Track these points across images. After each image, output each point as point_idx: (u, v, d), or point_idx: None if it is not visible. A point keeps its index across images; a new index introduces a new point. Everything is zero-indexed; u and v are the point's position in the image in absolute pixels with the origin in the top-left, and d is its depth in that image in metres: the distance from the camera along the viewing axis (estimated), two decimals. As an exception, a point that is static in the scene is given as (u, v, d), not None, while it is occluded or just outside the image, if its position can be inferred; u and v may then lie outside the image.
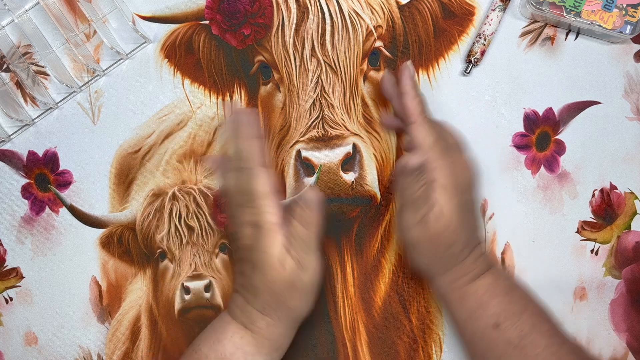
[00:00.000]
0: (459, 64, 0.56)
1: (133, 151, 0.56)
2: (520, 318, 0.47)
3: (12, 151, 0.57)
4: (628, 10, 0.53)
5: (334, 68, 0.55)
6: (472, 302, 0.48)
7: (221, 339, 0.47)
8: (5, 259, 0.57)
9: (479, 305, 0.47)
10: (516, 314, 0.47)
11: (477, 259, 0.48)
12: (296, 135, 0.55)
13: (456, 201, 0.46)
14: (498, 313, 0.47)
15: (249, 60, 0.56)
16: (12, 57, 0.55)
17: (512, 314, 0.47)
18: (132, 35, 0.56)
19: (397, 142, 0.55)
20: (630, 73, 0.55)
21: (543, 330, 0.47)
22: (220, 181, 0.48)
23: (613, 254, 0.56)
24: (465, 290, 0.48)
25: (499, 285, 0.48)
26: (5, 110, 0.55)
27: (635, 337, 0.55)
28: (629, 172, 0.56)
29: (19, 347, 0.57)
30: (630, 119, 0.56)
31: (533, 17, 0.55)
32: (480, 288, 0.48)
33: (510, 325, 0.46)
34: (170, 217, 0.56)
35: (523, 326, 0.47)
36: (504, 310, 0.47)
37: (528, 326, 0.47)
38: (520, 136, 0.56)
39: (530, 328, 0.47)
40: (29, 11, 0.56)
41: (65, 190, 0.56)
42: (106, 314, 0.56)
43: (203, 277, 0.55)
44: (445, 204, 0.46)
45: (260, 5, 0.55)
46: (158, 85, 0.56)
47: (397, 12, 0.55)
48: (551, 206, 0.56)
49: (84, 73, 0.56)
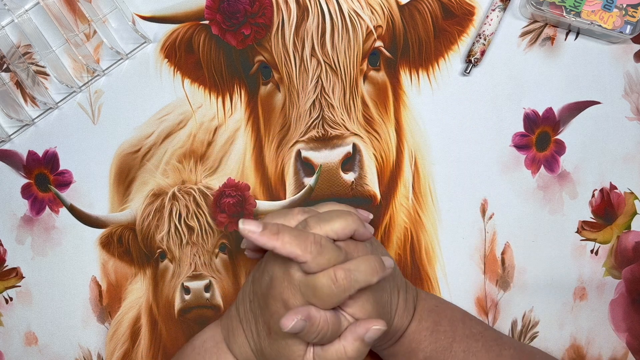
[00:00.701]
0: (459, 64, 0.56)
1: (133, 151, 0.56)
2: (451, 350, 0.47)
3: (12, 151, 0.57)
4: (628, 10, 0.53)
5: (334, 68, 0.55)
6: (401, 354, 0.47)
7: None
8: (5, 259, 0.57)
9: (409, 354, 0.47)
10: (446, 348, 0.47)
11: (402, 316, 0.47)
12: (296, 135, 0.55)
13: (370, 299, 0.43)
14: (429, 356, 0.47)
15: (249, 60, 0.56)
16: (12, 57, 0.55)
17: (442, 350, 0.47)
18: (132, 35, 0.56)
19: (397, 142, 0.55)
20: (630, 73, 0.55)
21: (476, 349, 0.47)
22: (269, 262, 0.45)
23: (613, 254, 0.56)
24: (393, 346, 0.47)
25: (423, 328, 0.47)
26: (5, 110, 0.55)
27: (635, 337, 0.55)
28: (629, 172, 0.56)
29: (19, 347, 0.57)
30: (630, 119, 0.56)
31: (533, 17, 0.55)
32: (405, 338, 0.47)
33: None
34: (170, 217, 0.56)
35: (456, 357, 0.46)
36: (434, 350, 0.47)
37: (461, 354, 0.47)
38: (520, 136, 0.56)
39: (464, 355, 0.47)
40: (29, 11, 0.56)
41: (65, 190, 0.56)
42: (106, 314, 0.56)
43: (203, 277, 0.55)
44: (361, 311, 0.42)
45: (260, 5, 0.55)
46: (158, 85, 0.56)
47: (397, 12, 0.55)
48: (551, 206, 0.56)
49: (84, 73, 0.56)
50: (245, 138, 0.56)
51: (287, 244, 0.40)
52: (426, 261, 0.56)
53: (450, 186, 0.56)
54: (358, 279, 0.40)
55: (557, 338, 0.55)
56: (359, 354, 0.42)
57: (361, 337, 0.41)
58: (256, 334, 0.45)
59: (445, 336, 0.47)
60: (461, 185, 0.56)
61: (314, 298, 0.41)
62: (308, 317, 0.40)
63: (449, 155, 0.56)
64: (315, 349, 0.42)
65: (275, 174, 0.55)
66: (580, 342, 0.55)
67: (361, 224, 0.44)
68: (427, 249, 0.56)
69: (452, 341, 0.47)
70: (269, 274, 0.43)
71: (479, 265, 0.56)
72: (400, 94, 0.56)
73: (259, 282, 0.44)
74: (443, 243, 0.55)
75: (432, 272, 0.56)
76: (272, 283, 0.42)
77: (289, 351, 0.43)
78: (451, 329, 0.48)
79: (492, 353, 0.47)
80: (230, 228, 0.56)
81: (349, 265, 0.41)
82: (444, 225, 0.56)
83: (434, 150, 0.56)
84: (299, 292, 0.41)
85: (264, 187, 0.56)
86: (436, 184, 0.56)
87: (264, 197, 0.56)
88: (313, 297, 0.41)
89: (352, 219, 0.43)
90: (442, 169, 0.56)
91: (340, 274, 0.40)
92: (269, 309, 0.43)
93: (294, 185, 0.55)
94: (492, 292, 0.55)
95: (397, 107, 0.55)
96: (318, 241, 0.41)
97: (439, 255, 0.55)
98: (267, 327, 0.43)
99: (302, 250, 0.40)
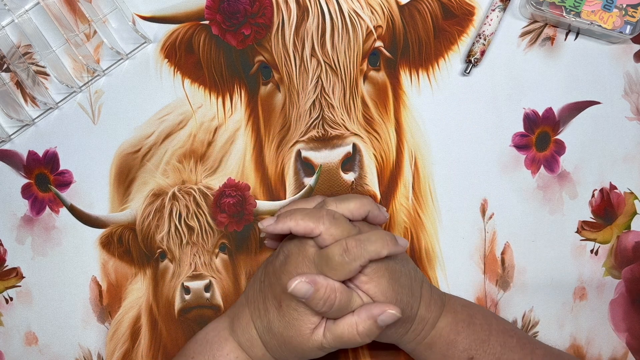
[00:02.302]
0: (459, 64, 0.56)
1: (133, 151, 0.56)
2: (489, 343, 0.48)
3: (12, 151, 0.57)
4: (628, 10, 0.53)
5: (334, 68, 0.55)
6: (440, 345, 0.48)
7: (217, 356, 0.48)
8: (5, 259, 0.57)
9: (448, 345, 0.48)
10: (484, 341, 0.48)
11: (428, 306, 0.48)
12: (296, 135, 0.55)
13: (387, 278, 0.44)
14: (468, 347, 0.47)
15: (249, 60, 0.56)
16: (12, 57, 0.55)
17: (481, 342, 0.48)
18: (132, 35, 0.56)
19: (397, 142, 0.55)
20: (630, 73, 0.55)
21: (512, 345, 0.48)
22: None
23: (613, 254, 0.56)
24: (430, 337, 0.48)
25: (459, 320, 0.48)
26: (5, 110, 0.55)
27: (635, 337, 0.55)
28: (629, 172, 0.56)
29: (19, 347, 0.57)
30: (630, 119, 0.56)
31: (533, 17, 0.55)
32: (443, 330, 0.48)
33: (483, 353, 0.47)
34: (170, 217, 0.56)
35: (494, 349, 0.47)
36: (473, 341, 0.48)
37: (499, 347, 0.48)
38: (520, 136, 0.56)
39: (502, 348, 0.48)
40: (29, 11, 0.56)
41: (65, 190, 0.56)
42: (106, 314, 0.56)
43: (203, 277, 0.55)
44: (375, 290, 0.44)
45: (260, 5, 0.55)
46: (158, 85, 0.56)
47: (397, 12, 0.55)
48: (551, 206, 0.56)
49: (84, 73, 0.56)
50: (245, 138, 0.56)
51: (300, 221, 0.43)
52: (426, 261, 0.56)
53: (450, 186, 0.56)
54: (368, 249, 0.42)
55: (557, 338, 0.55)
56: (370, 333, 0.43)
57: (374, 317, 0.43)
58: (264, 312, 0.46)
59: (482, 329, 0.48)
60: (461, 185, 0.56)
61: (326, 268, 0.43)
62: (313, 281, 0.42)
63: (449, 155, 0.56)
64: (327, 323, 0.44)
65: (275, 174, 0.55)
66: (580, 342, 0.55)
67: (376, 207, 0.46)
68: (427, 249, 0.56)
69: (489, 334, 0.48)
70: (284, 253, 0.45)
71: (479, 265, 0.56)
72: (400, 94, 0.56)
73: (273, 263, 0.46)
74: (443, 243, 0.55)
75: (432, 272, 0.56)
76: (287, 260, 0.44)
77: (300, 322, 0.44)
78: (487, 323, 0.49)
79: (526, 349, 0.48)
80: (230, 228, 0.56)
81: (360, 236, 0.43)
82: (444, 225, 0.56)
83: (434, 150, 0.56)
84: (313, 264, 0.43)
85: (264, 187, 0.56)
86: (436, 184, 0.56)
87: (264, 197, 0.56)
88: (326, 267, 0.43)
89: (367, 200, 0.46)
90: (442, 169, 0.56)
91: (352, 243, 0.42)
92: (280, 283, 0.44)
93: (294, 185, 0.55)
94: (492, 292, 0.55)
95: (397, 107, 0.55)
96: (331, 214, 0.44)
97: (439, 255, 0.55)
98: (277, 301, 0.45)
99: (315, 222, 0.43)
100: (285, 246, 0.46)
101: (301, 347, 0.45)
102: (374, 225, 0.48)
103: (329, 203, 0.45)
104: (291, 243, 0.45)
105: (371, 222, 0.47)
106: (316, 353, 0.46)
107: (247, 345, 0.48)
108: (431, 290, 0.49)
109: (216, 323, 0.50)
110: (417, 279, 0.48)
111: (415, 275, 0.48)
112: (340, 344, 0.44)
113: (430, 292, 0.48)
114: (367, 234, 0.43)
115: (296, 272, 0.44)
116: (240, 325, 0.48)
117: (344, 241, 0.43)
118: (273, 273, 0.46)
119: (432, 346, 0.48)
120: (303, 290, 0.42)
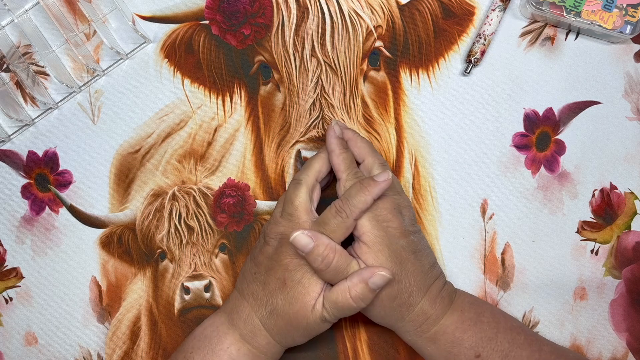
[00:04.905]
0: (459, 64, 0.56)
1: (133, 151, 0.56)
2: (496, 340, 0.48)
3: (12, 151, 0.57)
4: (628, 10, 0.53)
5: (334, 68, 0.55)
6: (445, 341, 0.48)
7: (216, 350, 0.48)
8: (5, 259, 0.57)
9: (453, 342, 0.48)
10: (492, 338, 0.48)
11: (433, 303, 0.48)
12: (296, 135, 0.55)
13: (386, 254, 0.46)
14: (475, 344, 0.47)
15: (249, 60, 0.56)
16: (12, 57, 0.55)
17: (488, 340, 0.48)
18: (132, 35, 0.56)
19: (397, 142, 0.55)
20: (630, 73, 0.55)
21: (520, 342, 0.48)
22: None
23: (613, 254, 0.56)
24: (433, 332, 0.48)
25: (466, 319, 0.48)
26: (5, 110, 0.55)
27: (635, 337, 0.55)
28: (629, 172, 0.56)
29: (19, 347, 0.57)
30: (630, 119, 0.56)
31: (533, 17, 0.55)
32: (448, 327, 0.48)
33: (490, 350, 0.47)
34: (170, 217, 0.56)
35: (502, 347, 0.47)
36: (480, 339, 0.48)
37: (507, 345, 0.48)
38: (520, 136, 0.56)
39: (509, 346, 0.48)
40: (29, 11, 0.56)
41: (65, 190, 0.56)
42: (106, 314, 0.56)
43: (203, 277, 0.55)
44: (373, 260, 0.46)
45: (260, 5, 0.55)
46: (158, 85, 0.56)
47: (397, 12, 0.55)
48: (551, 206, 0.56)
49: (84, 73, 0.56)
50: (245, 138, 0.56)
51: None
52: (426, 261, 0.55)
53: (450, 186, 0.56)
54: (354, 203, 0.46)
55: (557, 338, 0.55)
56: (362, 297, 0.45)
57: (365, 280, 0.45)
58: (265, 298, 0.47)
59: (490, 327, 0.48)
60: (461, 185, 0.56)
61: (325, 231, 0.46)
62: (315, 236, 0.45)
63: (449, 156, 0.56)
64: (325, 291, 0.46)
65: (275, 174, 0.55)
66: (581, 342, 0.55)
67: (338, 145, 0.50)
68: (427, 249, 0.55)
69: (496, 332, 0.48)
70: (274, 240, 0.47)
71: (479, 265, 0.56)
72: (400, 94, 0.56)
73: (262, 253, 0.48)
74: (443, 243, 0.55)
75: (432, 272, 0.55)
76: (282, 241, 0.47)
77: (304, 296, 0.46)
78: (494, 321, 0.49)
79: (534, 346, 0.48)
80: (230, 228, 0.56)
81: (343, 195, 0.47)
82: (444, 225, 0.56)
83: (434, 150, 0.56)
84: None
85: (264, 187, 0.56)
86: (436, 184, 0.56)
87: (264, 197, 0.56)
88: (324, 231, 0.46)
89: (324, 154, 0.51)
90: (442, 169, 0.56)
91: (339, 203, 0.46)
92: (281, 264, 0.47)
93: (294, 185, 0.55)
94: (492, 292, 0.55)
95: (397, 107, 0.55)
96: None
97: (439, 255, 0.55)
98: (281, 281, 0.46)
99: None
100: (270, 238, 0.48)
101: (306, 321, 0.46)
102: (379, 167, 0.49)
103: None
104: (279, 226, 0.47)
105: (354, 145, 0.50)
106: (319, 326, 0.47)
107: (250, 336, 0.48)
108: (442, 289, 0.49)
109: (212, 319, 0.50)
110: (431, 275, 0.48)
111: (430, 270, 0.48)
112: (338, 312, 0.46)
113: (440, 290, 0.49)
114: (347, 191, 0.47)
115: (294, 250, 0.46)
116: (241, 318, 0.48)
117: (333, 205, 0.47)
118: (268, 260, 0.47)
119: (435, 341, 0.48)
120: (303, 241, 0.44)
